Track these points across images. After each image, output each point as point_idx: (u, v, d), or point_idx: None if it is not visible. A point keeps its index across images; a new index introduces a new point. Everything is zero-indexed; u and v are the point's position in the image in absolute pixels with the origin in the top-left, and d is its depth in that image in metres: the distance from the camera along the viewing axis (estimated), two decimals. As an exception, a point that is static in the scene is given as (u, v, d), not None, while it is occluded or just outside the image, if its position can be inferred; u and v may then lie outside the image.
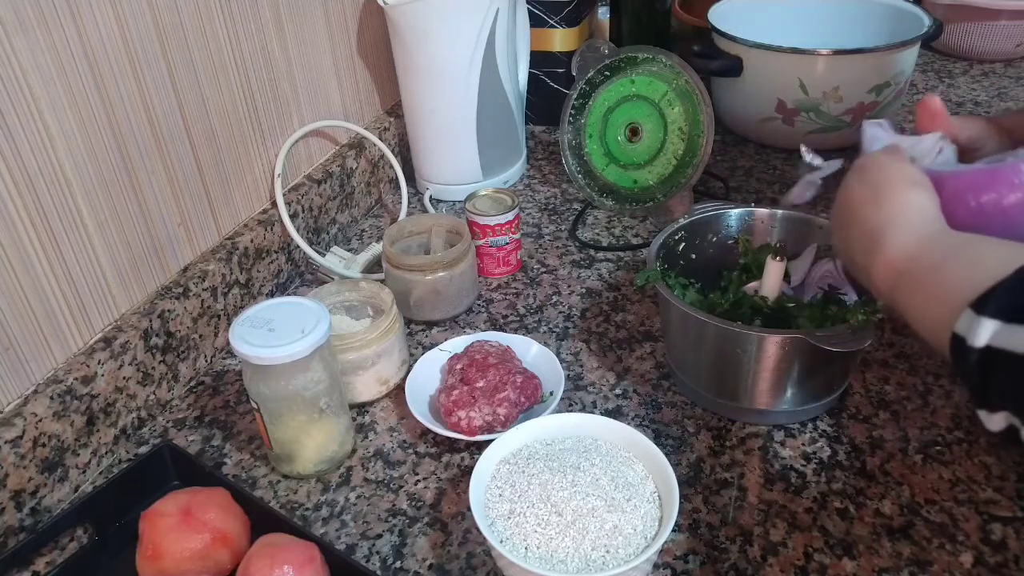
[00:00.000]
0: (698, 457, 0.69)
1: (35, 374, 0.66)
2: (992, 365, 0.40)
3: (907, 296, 0.49)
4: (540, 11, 1.16)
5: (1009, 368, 0.39)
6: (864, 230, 0.53)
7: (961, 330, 0.41)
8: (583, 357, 0.81)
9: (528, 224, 1.04)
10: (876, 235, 0.52)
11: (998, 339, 0.39)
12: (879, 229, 0.52)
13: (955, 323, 0.42)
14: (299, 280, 0.96)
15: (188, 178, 0.79)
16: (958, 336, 0.41)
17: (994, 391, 0.41)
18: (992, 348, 0.39)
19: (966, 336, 0.41)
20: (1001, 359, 0.39)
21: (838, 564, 0.60)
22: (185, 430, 0.75)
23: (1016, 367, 0.39)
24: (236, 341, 0.63)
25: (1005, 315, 0.39)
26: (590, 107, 1.03)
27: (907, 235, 0.50)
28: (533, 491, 0.59)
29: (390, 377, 0.77)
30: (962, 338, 0.41)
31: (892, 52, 1.06)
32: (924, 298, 0.47)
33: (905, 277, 0.49)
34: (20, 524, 0.63)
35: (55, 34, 0.63)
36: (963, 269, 0.44)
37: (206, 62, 0.79)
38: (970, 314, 0.41)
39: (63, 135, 0.65)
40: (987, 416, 0.42)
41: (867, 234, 0.53)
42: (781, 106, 1.10)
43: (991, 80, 1.38)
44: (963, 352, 0.41)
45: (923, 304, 0.47)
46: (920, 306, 0.47)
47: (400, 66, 1.04)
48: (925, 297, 0.47)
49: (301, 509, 0.67)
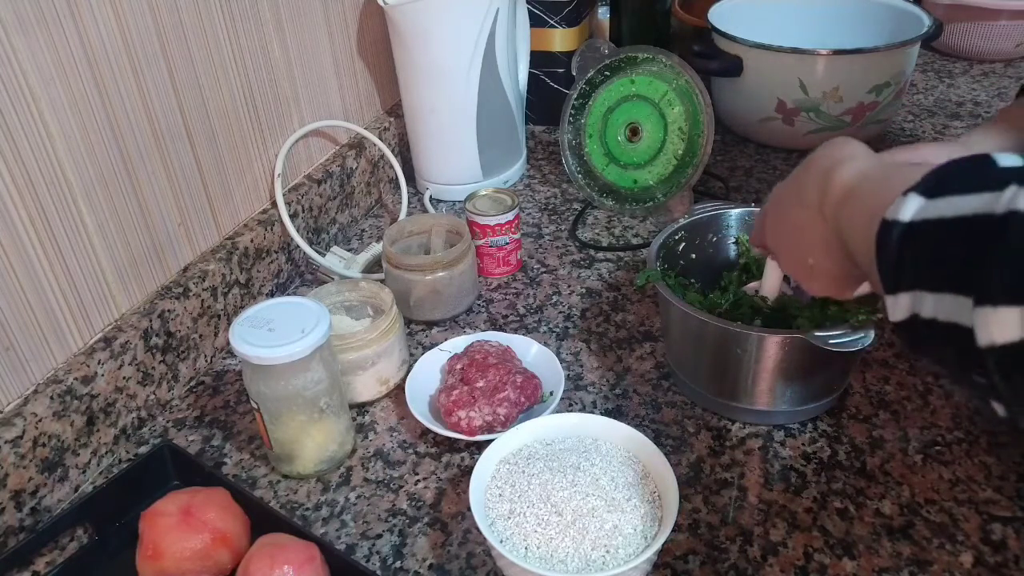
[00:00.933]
0: (698, 457, 0.69)
1: (35, 374, 0.66)
2: (911, 239, 0.41)
3: (848, 209, 0.50)
4: (540, 11, 1.16)
5: (925, 236, 0.40)
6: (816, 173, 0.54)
7: (889, 215, 0.42)
8: (583, 357, 0.81)
9: (528, 224, 1.04)
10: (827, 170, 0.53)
11: (921, 213, 0.40)
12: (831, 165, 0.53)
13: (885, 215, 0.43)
14: (299, 280, 0.96)
15: (188, 178, 0.80)
16: (886, 221, 0.42)
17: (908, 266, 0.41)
18: (914, 222, 0.41)
19: (894, 220, 0.42)
20: (919, 230, 0.40)
21: (838, 564, 0.60)
22: (185, 430, 0.75)
23: (931, 231, 0.40)
24: (236, 341, 0.63)
25: (929, 193, 0.41)
26: (590, 107, 1.03)
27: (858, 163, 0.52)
28: (533, 491, 0.59)
29: (390, 377, 0.77)
30: (890, 222, 0.42)
31: (892, 52, 1.06)
32: (862, 208, 0.48)
33: (851, 193, 0.50)
34: (20, 524, 0.63)
35: (55, 34, 0.63)
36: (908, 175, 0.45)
37: (206, 62, 0.79)
38: (899, 199, 0.42)
39: (63, 135, 0.65)
40: (892, 302, 0.42)
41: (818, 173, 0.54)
42: (781, 106, 1.10)
43: (991, 80, 1.38)
44: (887, 238, 0.42)
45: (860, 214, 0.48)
46: (857, 216, 0.48)
47: (400, 66, 1.04)
48: (863, 207, 0.48)
49: (301, 509, 0.67)
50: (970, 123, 1.22)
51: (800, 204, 0.56)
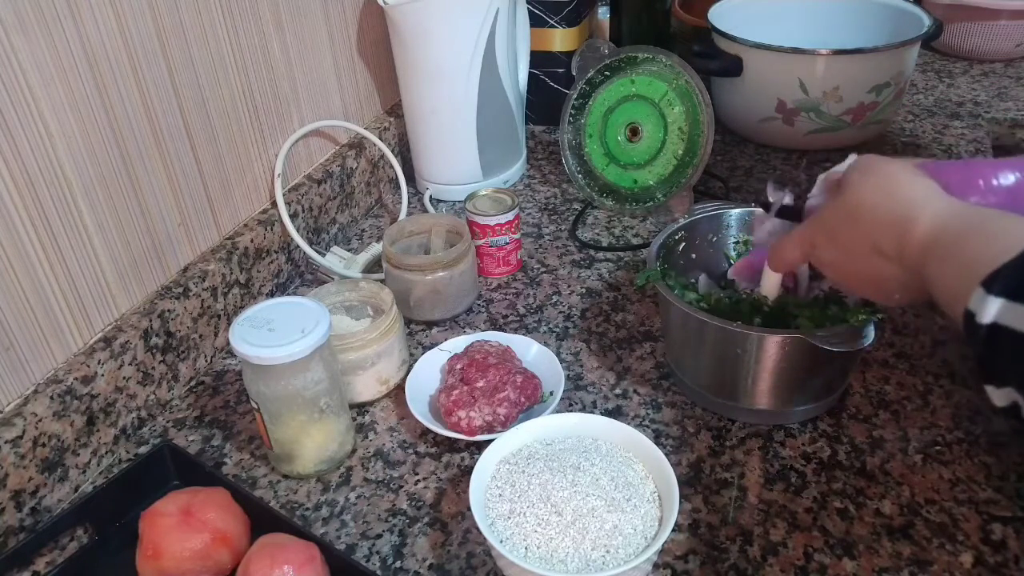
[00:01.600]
0: (698, 457, 0.69)
1: (35, 374, 0.66)
2: (998, 342, 0.41)
3: (933, 268, 0.49)
4: (540, 11, 1.16)
5: (1013, 345, 0.40)
6: (887, 222, 0.53)
7: (972, 306, 0.42)
8: (583, 357, 0.81)
9: (528, 224, 1.04)
10: (902, 220, 0.52)
11: (1003, 317, 0.41)
12: (904, 212, 0.52)
13: (968, 299, 0.43)
14: (299, 280, 0.96)
15: (188, 178, 0.80)
16: (969, 312, 0.42)
17: (999, 367, 0.42)
18: (997, 325, 0.41)
19: (976, 312, 0.42)
20: (1005, 336, 0.40)
21: (838, 564, 0.60)
22: (185, 430, 0.75)
23: (1019, 345, 0.40)
24: (236, 341, 0.63)
25: (1011, 294, 0.41)
26: (590, 107, 1.03)
27: (931, 210, 0.51)
28: (533, 491, 0.59)
29: (390, 377, 0.77)
30: (972, 314, 0.42)
31: (892, 52, 1.06)
32: (946, 270, 0.48)
33: (932, 250, 0.49)
34: (20, 524, 0.63)
35: (55, 34, 0.63)
36: (981, 242, 0.45)
37: (206, 62, 0.79)
38: (980, 292, 0.42)
39: (63, 135, 0.65)
40: (993, 391, 0.43)
41: (891, 223, 0.53)
42: (781, 106, 1.10)
43: (991, 80, 1.38)
44: (973, 328, 0.42)
45: (945, 276, 0.48)
46: (943, 277, 0.48)
47: (400, 66, 1.04)
48: (947, 269, 0.47)
49: (301, 509, 0.67)
50: (970, 123, 1.23)
51: (877, 253, 0.55)
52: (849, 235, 0.57)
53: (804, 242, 0.62)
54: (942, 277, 0.48)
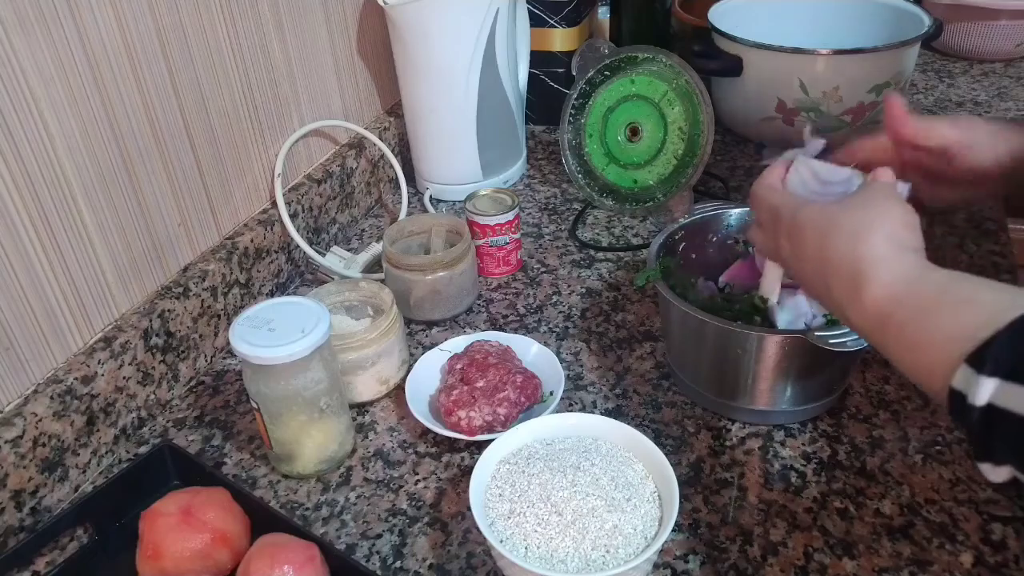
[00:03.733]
0: (698, 457, 0.69)
1: (35, 374, 0.66)
2: (995, 424, 0.39)
3: (893, 339, 0.46)
4: (540, 11, 1.16)
5: (1012, 428, 0.38)
6: (843, 266, 0.50)
7: (959, 386, 0.40)
8: (583, 357, 0.81)
9: (528, 224, 1.04)
10: (857, 274, 0.49)
11: (999, 398, 0.38)
12: (860, 267, 0.49)
13: (952, 378, 0.40)
14: (299, 280, 0.96)
15: (188, 178, 0.80)
16: (957, 392, 0.40)
17: (997, 448, 0.39)
18: (994, 408, 0.38)
19: (966, 393, 0.39)
20: (1004, 419, 0.38)
21: (838, 564, 0.60)
22: (185, 430, 0.75)
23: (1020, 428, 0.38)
24: (236, 341, 0.63)
25: (1005, 373, 0.38)
26: (590, 107, 1.03)
27: (891, 273, 0.47)
28: (533, 491, 0.59)
29: (390, 377, 0.77)
30: (962, 394, 0.40)
31: (892, 52, 1.06)
32: (913, 342, 0.45)
33: (892, 319, 0.46)
34: (20, 524, 0.63)
35: (55, 34, 0.63)
36: (953, 313, 0.42)
37: (206, 62, 0.79)
38: (967, 371, 0.39)
39: (63, 135, 0.65)
40: (991, 469, 0.41)
41: (848, 272, 0.49)
42: (781, 106, 1.10)
43: (991, 80, 1.38)
44: (963, 408, 0.40)
45: (911, 348, 0.45)
46: (908, 350, 0.45)
47: (400, 66, 1.04)
48: (914, 341, 0.45)
49: (301, 509, 0.67)
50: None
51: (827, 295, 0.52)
52: (809, 256, 0.54)
53: (778, 235, 0.58)
54: (905, 350, 0.45)
